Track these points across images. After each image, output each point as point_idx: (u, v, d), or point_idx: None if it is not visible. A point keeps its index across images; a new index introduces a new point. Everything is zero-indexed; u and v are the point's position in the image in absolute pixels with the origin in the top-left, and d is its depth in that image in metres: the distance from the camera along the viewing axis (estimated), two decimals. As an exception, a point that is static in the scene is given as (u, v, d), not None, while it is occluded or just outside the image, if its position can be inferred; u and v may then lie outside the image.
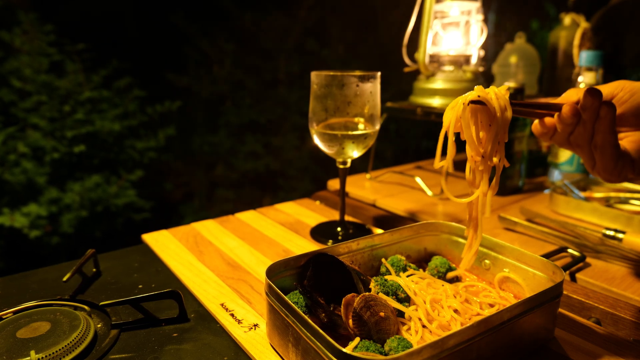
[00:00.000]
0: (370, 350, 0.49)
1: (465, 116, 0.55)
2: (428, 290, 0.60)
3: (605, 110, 0.53)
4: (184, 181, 3.56)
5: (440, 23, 1.26)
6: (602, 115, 0.53)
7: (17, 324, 0.59)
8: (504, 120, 0.55)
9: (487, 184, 0.58)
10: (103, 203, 2.46)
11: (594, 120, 0.54)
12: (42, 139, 2.36)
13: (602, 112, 0.53)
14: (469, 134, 0.56)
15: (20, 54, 2.44)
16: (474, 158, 0.57)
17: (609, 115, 0.53)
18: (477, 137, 0.56)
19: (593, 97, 0.53)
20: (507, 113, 0.55)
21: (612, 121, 0.53)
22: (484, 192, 0.58)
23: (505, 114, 0.55)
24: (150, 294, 0.64)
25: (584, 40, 1.43)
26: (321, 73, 0.82)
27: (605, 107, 0.53)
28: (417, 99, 1.26)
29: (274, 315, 0.55)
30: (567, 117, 0.55)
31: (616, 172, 0.55)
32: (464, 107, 0.55)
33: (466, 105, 0.55)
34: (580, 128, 0.55)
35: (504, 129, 0.55)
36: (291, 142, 3.49)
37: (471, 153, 0.57)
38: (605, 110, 0.53)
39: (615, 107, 0.53)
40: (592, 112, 0.53)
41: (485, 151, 0.56)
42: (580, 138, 0.56)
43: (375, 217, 1.06)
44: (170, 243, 0.90)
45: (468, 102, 0.55)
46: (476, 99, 0.55)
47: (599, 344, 0.58)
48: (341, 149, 0.85)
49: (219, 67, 3.54)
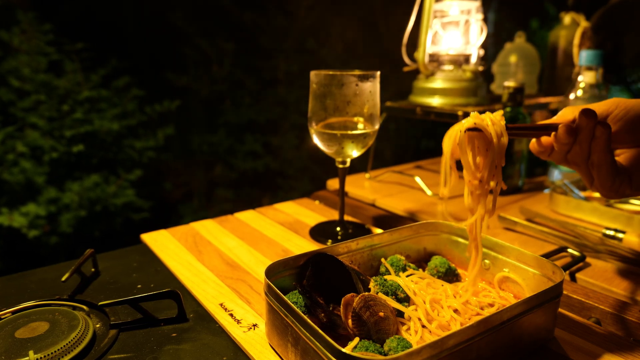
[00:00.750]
0: (370, 350, 0.49)
1: (462, 143, 0.57)
2: (427, 290, 0.59)
3: (600, 131, 0.54)
4: (183, 181, 3.56)
5: (440, 22, 1.26)
6: (597, 135, 0.54)
7: (16, 324, 0.59)
8: (500, 146, 0.57)
9: (484, 207, 0.59)
10: (102, 203, 2.46)
11: (590, 139, 0.55)
12: (41, 139, 2.36)
13: (598, 132, 0.54)
14: (466, 160, 0.58)
15: (19, 53, 2.44)
16: (471, 182, 0.59)
17: (604, 135, 0.54)
18: (474, 163, 0.58)
19: (588, 118, 0.54)
20: (503, 139, 0.57)
21: (608, 141, 0.54)
22: (481, 216, 0.60)
23: (501, 140, 0.56)
24: (149, 294, 0.64)
25: (584, 40, 1.43)
26: (320, 72, 0.82)
27: (601, 127, 0.54)
28: (417, 99, 1.26)
29: (273, 315, 0.55)
30: (563, 137, 0.56)
31: (614, 188, 0.57)
32: (460, 134, 0.57)
33: (463, 133, 0.57)
34: (576, 147, 0.56)
35: (501, 154, 0.57)
36: (290, 142, 3.49)
37: (469, 178, 0.59)
38: (601, 131, 0.54)
39: (610, 127, 0.54)
40: (588, 132, 0.55)
41: (483, 176, 0.58)
42: (577, 157, 0.57)
43: (375, 216, 1.06)
44: (169, 243, 0.90)
45: (464, 129, 0.57)
46: (472, 126, 0.56)
47: (599, 344, 0.58)
48: (340, 148, 0.85)
49: (218, 66, 3.53)
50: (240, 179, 3.50)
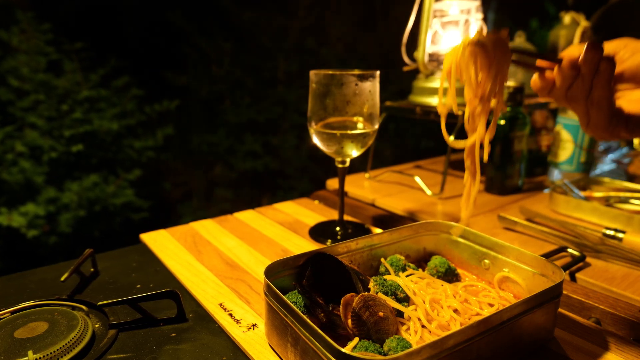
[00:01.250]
0: (369, 350, 0.48)
1: (464, 57, 0.55)
2: (427, 290, 0.59)
3: (604, 65, 0.53)
4: (183, 181, 3.55)
5: (440, 22, 1.26)
6: (601, 70, 0.53)
7: (15, 324, 0.59)
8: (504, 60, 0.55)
9: (484, 127, 0.58)
10: (101, 202, 2.46)
11: (593, 74, 0.54)
12: (40, 138, 2.36)
13: (602, 66, 0.53)
14: (467, 75, 0.56)
15: (18, 52, 2.43)
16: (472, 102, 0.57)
17: (607, 70, 0.53)
18: (475, 80, 0.56)
19: (594, 51, 0.53)
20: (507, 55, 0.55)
21: (610, 76, 0.53)
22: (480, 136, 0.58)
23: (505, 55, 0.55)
24: (149, 294, 0.64)
25: (584, 39, 1.43)
26: (320, 72, 0.82)
27: (605, 62, 0.53)
28: (417, 98, 1.26)
29: (273, 315, 0.54)
30: (567, 69, 0.56)
31: (610, 129, 0.56)
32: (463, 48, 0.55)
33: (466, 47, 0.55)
34: (578, 82, 0.56)
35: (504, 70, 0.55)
36: (290, 142, 3.49)
37: (470, 96, 0.57)
38: (605, 65, 0.53)
39: (614, 63, 0.53)
40: (592, 66, 0.54)
41: (484, 91, 0.56)
42: (577, 92, 0.56)
43: (374, 216, 1.06)
44: (169, 243, 0.89)
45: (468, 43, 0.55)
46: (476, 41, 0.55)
47: (599, 344, 0.58)
48: (340, 148, 0.85)
49: (217, 66, 3.53)
50: (239, 178, 3.50)
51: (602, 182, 1.10)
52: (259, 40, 3.57)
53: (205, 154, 3.50)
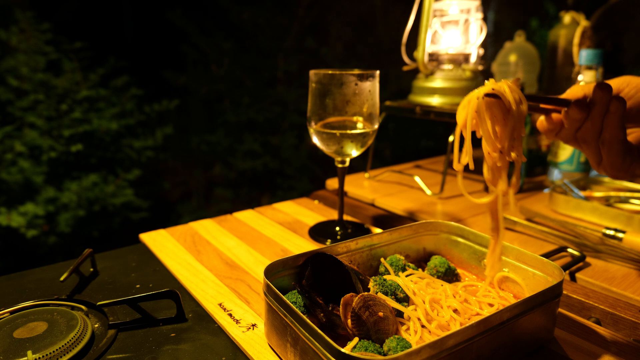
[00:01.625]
0: (369, 350, 0.48)
1: (480, 110, 0.53)
2: (427, 290, 0.59)
3: (615, 105, 0.52)
4: (182, 180, 3.55)
5: (440, 21, 1.25)
6: (612, 110, 0.52)
7: (14, 324, 0.59)
8: (520, 113, 0.53)
9: (506, 181, 0.56)
10: (100, 202, 2.45)
11: (604, 115, 0.53)
12: (39, 138, 2.35)
13: (613, 107, 0.52)
14: (485, 128, 0.54)
15: (17, 52, 2.43)
16: (491, 155, 0.55)
17: (619, 110, 0.52)
18: (493, 132, 0.54)
19: (603, 92, 0.52)
20: (523, 106, 0.53)
21: (622, 116, 0.52)
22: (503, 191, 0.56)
23: (520, 107, 0.53)
24: (148, 294, 0.64)
25: (584, 39, 1.43)
26: (320, 72, 0.82)
27: (616, 101, 0.52)
28: (416, 98, 1.26)
29: (272, 315, 0.54)
30: (575, 112, 0.54)
31: (624, 168, 0.55)
32: (478, 101, 0.53)
33: (481, 99, 0.53)
34: (588, 124, 0.55)
35: (521, 123, 0.54)
36: (290, 141, 3.48)
37: (488, 149, 0.55)
38: (616, 105, 0.52)
39: (625, 102, 0.52)
40: (602, 107, 0.53)
41: (503, 146, 0.54)
42: (587, 134, 0.55)
43: (374, 216, 1.06)
44: (168, 242, 0.89)
45: (482, 95, 0.53)
46: (490, 92, 0.53)
47: (598, 344, 0.58)
48: (340, 148, 0.85)
49: (217, 65, 3.53)
50: (239, 178, 3.50)
51: (602, 182, 1.10)
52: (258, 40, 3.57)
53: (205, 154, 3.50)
